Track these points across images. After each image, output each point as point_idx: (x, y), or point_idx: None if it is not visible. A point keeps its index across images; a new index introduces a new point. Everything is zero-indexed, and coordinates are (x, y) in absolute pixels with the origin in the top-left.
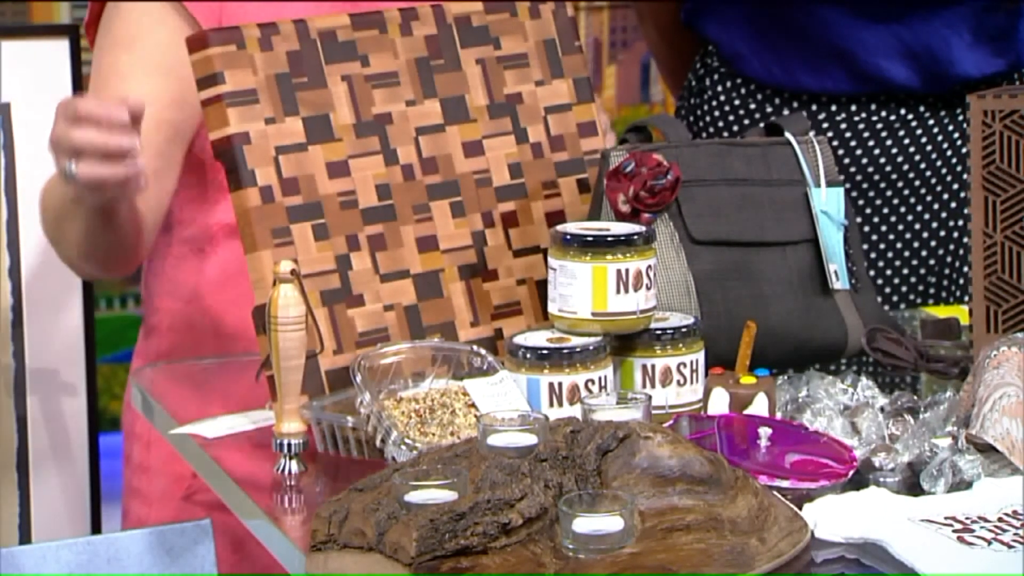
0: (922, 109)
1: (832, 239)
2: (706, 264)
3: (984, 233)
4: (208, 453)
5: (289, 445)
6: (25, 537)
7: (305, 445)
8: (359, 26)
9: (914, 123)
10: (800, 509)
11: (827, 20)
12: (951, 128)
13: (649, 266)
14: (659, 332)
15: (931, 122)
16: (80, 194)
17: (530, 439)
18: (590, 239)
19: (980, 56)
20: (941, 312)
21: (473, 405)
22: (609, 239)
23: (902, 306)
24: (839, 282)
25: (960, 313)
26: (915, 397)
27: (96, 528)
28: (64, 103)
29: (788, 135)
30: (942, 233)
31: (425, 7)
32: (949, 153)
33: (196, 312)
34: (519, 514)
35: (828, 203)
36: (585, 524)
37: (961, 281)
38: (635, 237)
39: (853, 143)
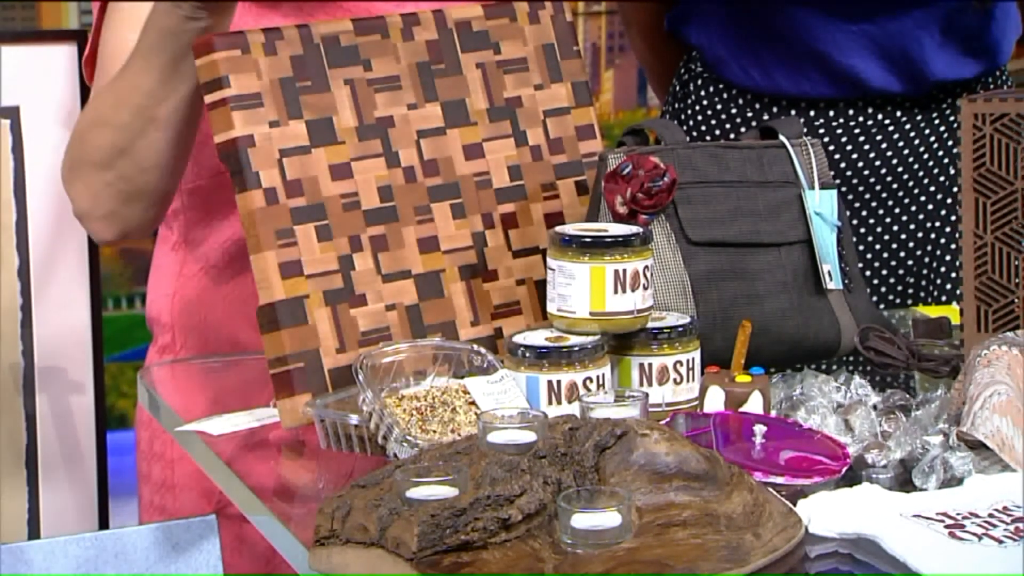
0: (899, 114)
1: (825, 240)
2: (702, 264)
3: (975, 234)
4: (213, 450)
5: None
6: (34, 533)
7: None
8: (361, 31)
9: (891, 127)
10: (794, 505)
11: (802, 23)
12: (928, 132)
13: (646, 266)
14: (656, 331)
15: (908, 126)
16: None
17: (529, 436)
18: (588, 240)
19: (953, 57)
20: (932, 312)
21: (473, 403)
22: (607, 240)
23: (888, 301)
24: (832, 282)
25: (951, 313)
26: (907, 395)
27: (104, 524)
28: None
29: (782, 137)
30: (929, 233)
31: (426, 12)
32: (926, 156)
33: (203, 313)
34: (519, 510)
35: (822, 205)
36: (583, 520)
37: (939, 282)
38: (632, 238)
39: (832, 147)
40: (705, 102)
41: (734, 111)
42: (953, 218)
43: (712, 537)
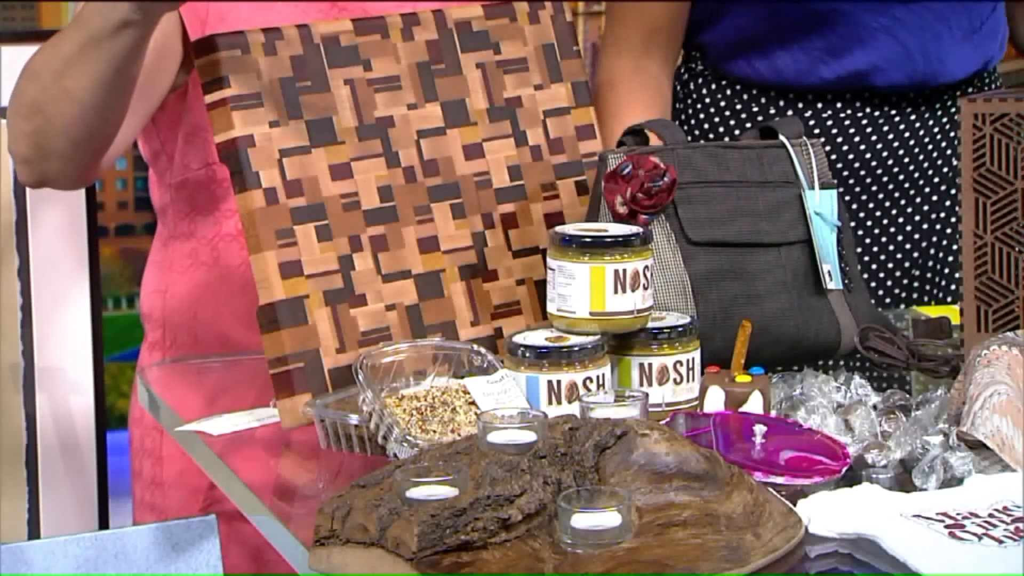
0: (908, 109)
1: (825, 240)
2: (702, 264)
3: (975, 234)
4: (213, 450)
5: None
6: (34, 532)
7: None
8: (361, 31)
9: (900, 123)
10: (794, 505)
11: (814, 13)
12: (935, 129)
13: (646, 266)
14: (656, 331)
15: (916, 123)
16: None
17: (529, 436)
18: (588, 240)
19: (967, 52)
20: (932, 312)
21: (473, 403)
22: (607, 240)
23: (887, 301)
24: (832, 282)
25: (951, 312)
26: (907, 395)
27: (104, 524)
28: None
29: (782, 137)
30: (929, 232)
31: (426, 12)
32: (935, 153)
33: (192, 309)
34: (518, 510)
35: (822, 205)
36: (583, 520)
37: (944, 283)
38: (632, 238)
39: (840, 140)
40: (708, 99)
41: (739, 107)
42: (955, 219)
43: (712, 537)
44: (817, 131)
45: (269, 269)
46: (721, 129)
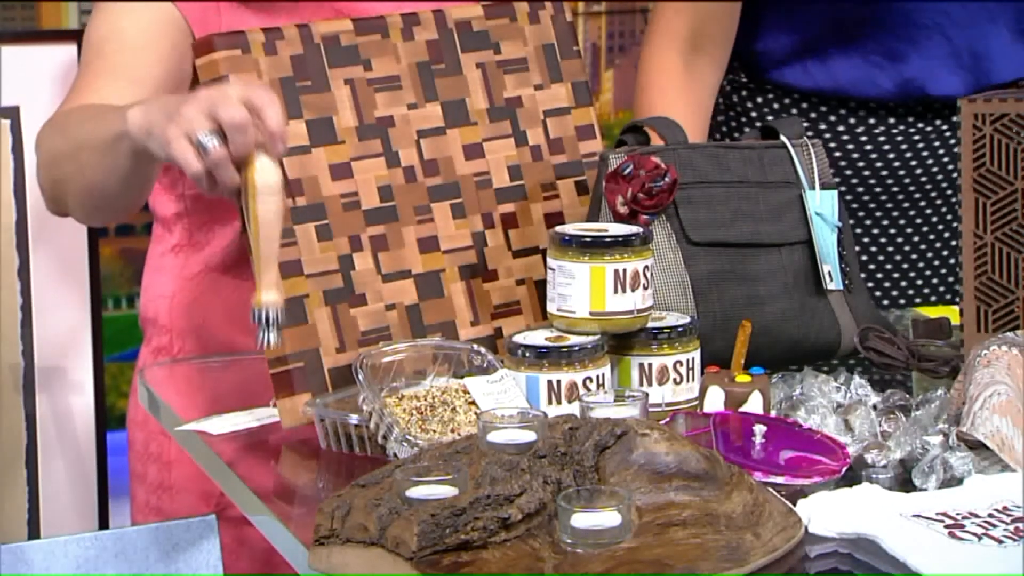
0: (917, 116)
1: (826, 240)
2: (703, 265)
3: (974, 234)
4: (213, 450)
5: (267, 314)
6: (34, 532)
7: (282, 315)
8: (362, 31)
9: (909, 129)
10: (794, 505)
11: (872, 12)
12: (944, 129)
13: (646, 266)
14: (656, 331)
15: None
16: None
17: (529, 436)
18: (588, 240)
19: (1016, 53)
20: (932, 312)
21: (473, 403)
22: (607, 240)
23: (885, 302)
24: (833, 283)
25: (951, 313)
26: (907, 395)
27: (104, 524)
28: (220, 89)
29: (783, 138)
30: (932, 235)
31: (426, 12)
32: (942, 152)
33: (201, 315)
34: (518, 509)
35: (822, 205)
36: (583, 519)
37: (951, 280)
38: (632, 238)
39: (850, 146)
40: (754, 112)
41: (751, 108)
42: (955, 220)
43: (712, 537)
44: (827, 135)
45: None
46: (737, 134)
